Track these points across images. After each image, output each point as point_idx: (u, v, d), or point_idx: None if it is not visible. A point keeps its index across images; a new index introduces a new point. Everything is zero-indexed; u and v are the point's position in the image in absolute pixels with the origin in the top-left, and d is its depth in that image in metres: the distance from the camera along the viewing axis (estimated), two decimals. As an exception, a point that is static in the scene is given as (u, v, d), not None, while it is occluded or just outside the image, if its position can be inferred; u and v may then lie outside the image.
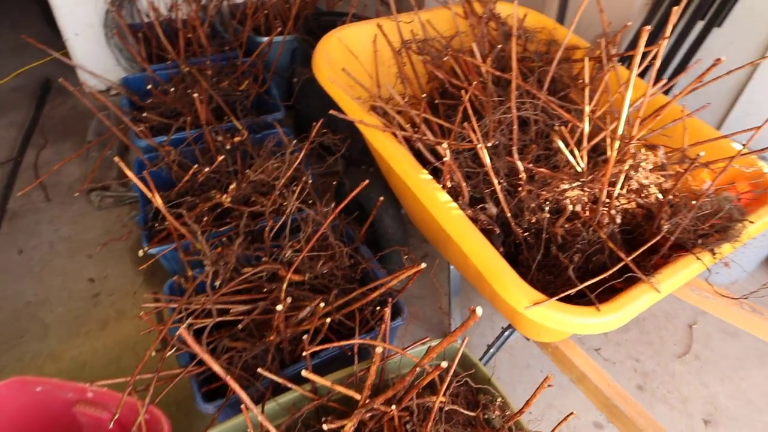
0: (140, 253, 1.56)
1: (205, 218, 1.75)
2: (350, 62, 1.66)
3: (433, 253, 2.21)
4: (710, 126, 1.52)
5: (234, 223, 1.71)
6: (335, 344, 1.18)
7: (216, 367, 0.91)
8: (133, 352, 1.83)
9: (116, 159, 1.47)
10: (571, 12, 2.61)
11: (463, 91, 1.44)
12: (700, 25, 2.11)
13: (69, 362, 1.80)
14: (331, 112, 1.29)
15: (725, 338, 1.93)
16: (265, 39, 2.46)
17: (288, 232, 1.61)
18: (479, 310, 0.77)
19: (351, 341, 1.08)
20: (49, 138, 2.75)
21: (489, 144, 1.27)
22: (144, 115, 1.97)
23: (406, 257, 1.69)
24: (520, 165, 1.28)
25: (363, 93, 1.58)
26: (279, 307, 1.19)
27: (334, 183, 1.91)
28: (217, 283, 1.40)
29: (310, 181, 1.68)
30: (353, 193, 1.33)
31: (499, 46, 1.52)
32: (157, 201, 1.46)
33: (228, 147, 1.85)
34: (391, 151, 1.28)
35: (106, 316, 1.93)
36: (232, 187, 1.72)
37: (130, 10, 2.93)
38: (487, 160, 1.21)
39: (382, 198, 1.60)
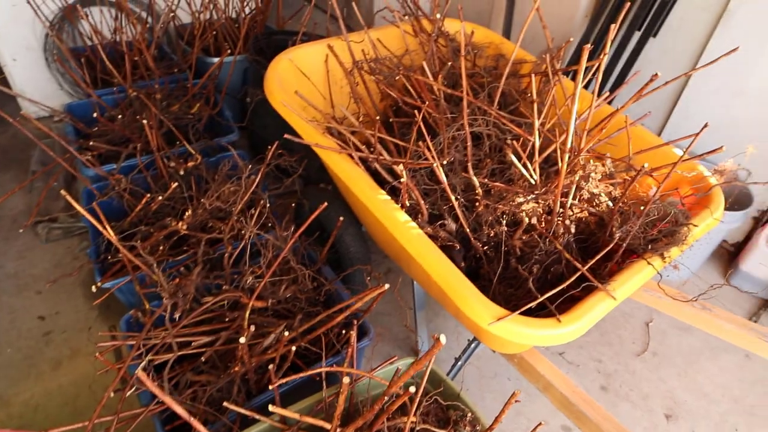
0: (93, 288, 1.50)
1: (161, 247, 1.70)
2: (303, 83, 1.65)
3: (396, 268, 2.22)
4: (652, 133, 1.59)
5: (191, 251, 1.66)
6: (302, 374, 1.16)
7: (178, 410, 0.88)
8: (90, 391, 1.75)
9: (63, 192, 1.41)
10: (517, 27, 2.69)
11: (416, 110, 1.45)
12: (637, 36, 2.21)
13: (20, 406, 1.71)
14: (286, 136, 1.28)
15: (680, 334, 2.02)
16: (215, 60, 2.42)
17: (248, 257, 1.59)
18: (443, 339, 0.77)
19: (318, 369, 1.07)
20: (-11, 169, 2.62)
21: (444, 161, 1.29)
22: (91, 143, 1.90)
23: (369, 277, 1.70)
24: (475, 180, 1.31)
25: (317, 114, 1.57)
26: (242, 340, 1.16)
27: (293, 204, 1.89)
28: (177, 316, 1.35)
29: (268, 205, 1.65)
30: (313, 216, 1.32)
31: (449, 63, 1.55)
32: (109, 234, 1.42)
33: (181, 173, 1.81)
34: (348, 173, 1.28)
35: (59, 355, 1.84)
36: (187, 214, 1.68)
37: (72, 33, 2.83)
38: (443, 177, 1.23)
39: (342, 218, 1.60)
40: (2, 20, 2.68)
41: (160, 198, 1.66)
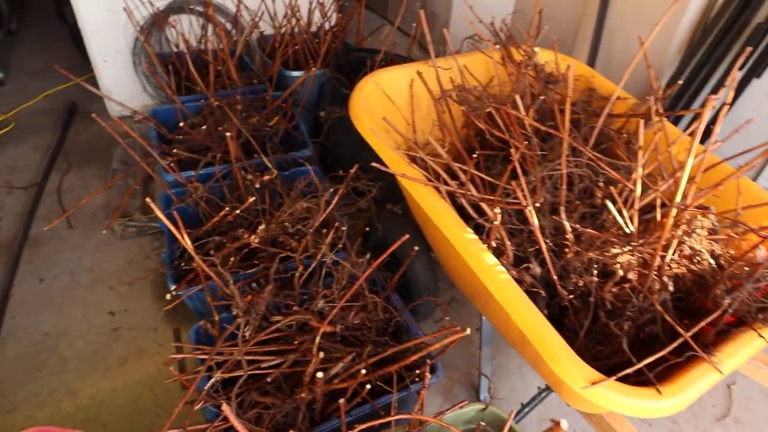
0: (168, 296, 1.52)
1: (232, 258, 1.72)
2: (387, 106, 1.64)
3: (461, 297, 2.16)
4: (759, 186, 1.47)
5: (262, 265, 1.67)
6: (371, 405, 1.13)
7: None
8: (152, 393, 1.78)
9: (147, 200, 1.44)
10: (603, 57, 2.59)
11: (504, 143, 1.40)
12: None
13: (87, 400, 1.76)
14: (374, 165, 1.26)
15: (766, 401, 1.86)
16: (295, 73, 2.45)
17: (319, 278, 1.58)
18: (564, 425, 0.71)
19: (390, 418, 1.03)
20: (73, 162, 2.75)
21: (537, 204, 1.23)
22: (174, 150, 1.95)
23: (439, 320, 1.65)
24: (567, 225, 1.24)
25: (399, 139, 1.55)
26: (320, 375, 1.14)
27: (367, 229, 1.86)
28: (247, 334, 1.35)
29: (344, 228, 1.64)
30: (392, 248, 1.29)
31: (542, 97, 1.49)
32: (186, 243, 1.43)
33: (257, 185, 1.83)
34: (433, 207, 1.24)
35: (125, 353, 1.89)
36: (261, 228, 1.69)
37: (159, 38, 2.95)
38: (535, 221, 1.17)
39: (416, 248, 1.56)
40: (97, 24, 2.82)
41: (237, 211, 1.68)
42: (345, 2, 2.74)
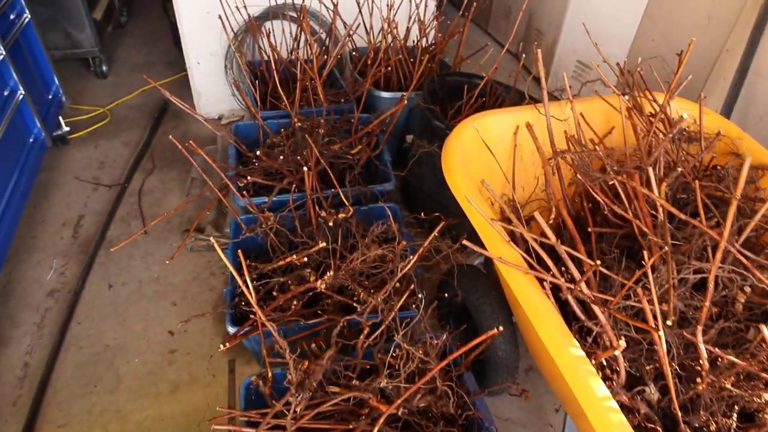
0: (221, 347, 1.41)
1: (295, 302, 1.58)
2: (484, 156, 1.42)
3: (537, 368, 1.90)
4: None
5: (325, 316, 1.52)
6: None
7: None
8: (199, 430, 1.69)
9: (212, 241, 1.32)
10: (741, 101, 2.20)
11: (622, 220, 1.15)
12: None
13: (134, 426, 1.69)
14: (465, 242, 1.05)
15: None
16: (385, 94, 2.28)
17: (385, 340, 1.41)
18: None
19: None
20: (157, 163, 2.76)
21: (669, 321, 0.97)
22: (248, 179, 1.85)
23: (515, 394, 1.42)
24: (703, 350, 0.97)
25: (492, 197, 1.33)
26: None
27: (445, 295, 1.65)
28: (299, 409, 1.20)
29: (420, 296, 1.44)
30: (479, 345, 1.07)
31: (679, 170, 1.21)
32: (249, 294, 1.30)
33: (331, 224, 1.68)
34: (533, 305, 1.01)
35: (178, 378, 1.82)
36: (329, 274, 1.54)
37: (251, 44, 2.89)
38: (663, 346, 0.91)
39: (501, 328, 1.34)
40: (195, 26, 2.81)
41: (304, 256, 1.53)
42: (447, 19, 2.52)
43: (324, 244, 1.49)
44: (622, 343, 0.88)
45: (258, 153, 1.80)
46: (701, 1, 2.34)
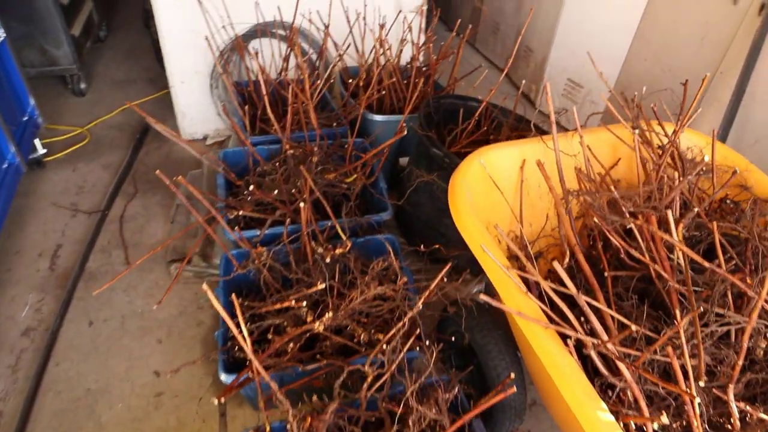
0: (215, 401, 1.31)
1: (292, 345, 1.50)
2: (491, 192, 1.36)
3: (541, 400, 1.84)
4: None
5: (325, 362, 1.43)
6: None
7: None
8: (188, 483, 1.59)
9: (205, 288, 1.23)
10: (738, 127, 2.19)
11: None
12: None
13: (118, 478, 1.59)
14: (483, 297, 0.98)
15: None
16: (378, 117, 2.22)
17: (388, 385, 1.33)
18: None
19: None
20: (139, 187, 2.65)
21: (702, 383, 0.91)
22: (240, 213, 1.76)
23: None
24: (735, 410, 0.92)
25: (497, 233, 1.27)
26: None
27: (452, 338, 1.58)
28: (301, 472, 1.11)
29: (430, 345, 1.37)
30: (492, 401, 1.00)
31: (696, 209, 1.17)
32: (245, 345, 1.21)
33: (328, 260, 1.60)
34: (556, 362, 0.95)
35: (165, 425, 1.71)
36: (328, 316, 1.46)
37: (238, 63, 2.81)
38: (695, 411, 0.86)
39: (512, 375, 1.27)
40: (178, 44, 2.71)
41: (304, 307, 1.45)
42: (438, 37, 2.47)
43: (323, 285, 1.41)
44: (665, 419, 0.82)
45: (251, 188, 1.70)
46: (694, 23, 2.33)
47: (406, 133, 1.73)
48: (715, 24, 2.25)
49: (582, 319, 1.05)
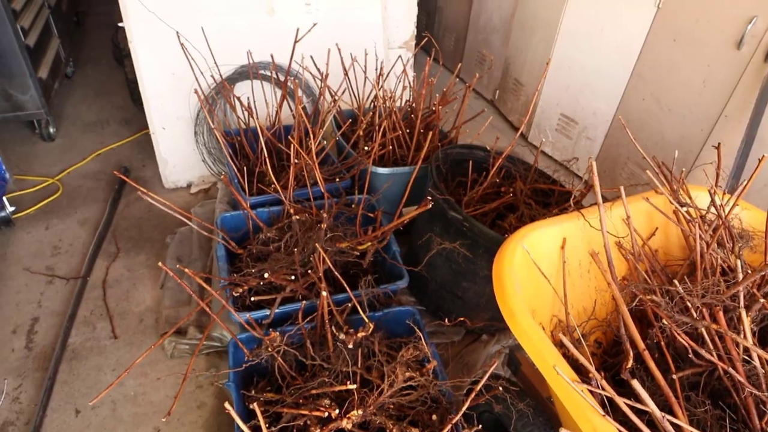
0: None
1: (316, 446, 1.35)
2: (534, 275, 1.26)
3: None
4: None
5: (356, 467, 1.30)
6: None
7: None
8: None
9: (227, 407, 1.09)
10: (745, 174, 2.16)
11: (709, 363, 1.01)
12: None
13: None
14: (563, 431, 0.88)
15: None
16: (382, 170, 2.10)
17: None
18: None
19: None
20: (122, 246, 2.45)
21: None
22: (250, 297, 1.61)
23: None
24: None
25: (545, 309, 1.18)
26: None
27: (481, 413, 1.47)
28: None
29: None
30: None
31: (762, 301, 1.09)
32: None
33: (350, 346, 1.47)
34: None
35: None
36: (357, 413, 1.32)
37: (224, 106, 2.65)
38: None
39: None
40: (159, 89, 2.55)
41: (338, 414, 1.31)
42: (421, 68, 2.38)
43: (354, 386, 1.27)
44: None
45: (266, 275, 1.56)
46: (696, 66, 2.32)
47: (431, 206, 1.62)
48: (718, 68, 2.23)
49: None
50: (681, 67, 2.39)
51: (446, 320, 1.61)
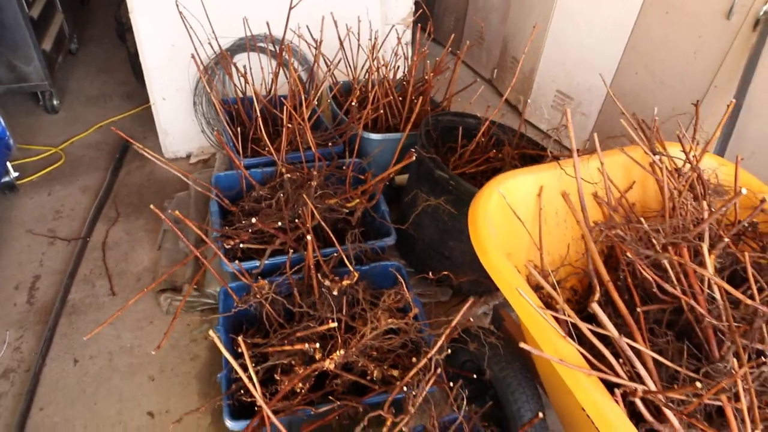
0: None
1: (301, 386, 1.41)
2: (510, 221, 1.30)
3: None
4: None
5: (337, 403, 1.36)
6: None
7: None
8: None
9: (211, 333, 1.15)
10: (734, 140, 2.19)
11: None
12: None
13: None
14: (522, 345, 0.92)
15: None
16: (374, 136, 2.15)
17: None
18: None
19: None
20: (122, 211, 2.52)
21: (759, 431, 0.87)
22: (239, 244, 1.67)
23: None
24: (791, 457, 0.88)
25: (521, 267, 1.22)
26: None
27: (474, 376, 1.51)
28: None
29: (449, 381, 1.31)
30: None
31: (726, 240, 1.13)
32: (256, 392, 1.13)
33: (335, 293, 1.52)
34: (602, 413, 0.89)
35: (162, 472, 1.60)
36: (339, 353, 1.38)
37: (223, 78, 2.70)
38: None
39: (541, 415, 1.22)
40: (159, 60, 2.60)
41: (317, 349, 1.37)
42: (430, 51, 2.42)
43: (334, 324, 1.33)
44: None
45: (254, 220, 1.61)
46: (687, 38, 2.34)
47: (415, 159, 1.66)
48: (708, 38, 2.25)
49: (620, 360, 1.00)
50: (673, 39, 2.41)
51: (430, 273, 1.66)
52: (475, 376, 1.40)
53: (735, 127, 2.16)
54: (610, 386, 0.96)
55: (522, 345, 0.92)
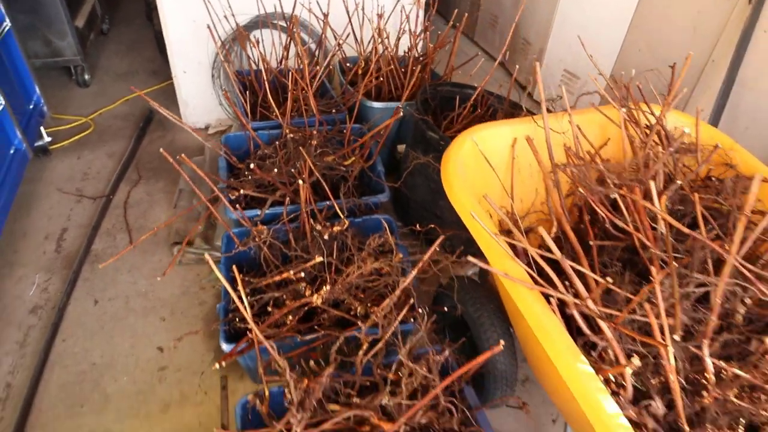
0: (216, 365, 1.37)
1: (290, 318, 1.55)
2: (483, 168, 1.41)
3: (534, 378, 1.89)
4: None
5: (322, 332, 1.49)
6: None
7: None
8: (191, 451, 1.64)
9: (207, 257, 1.29)
10: (728, 110, 2.24)
11: (623, 233, 1.15)
12: None
13: (122, 447, 1.64)
14: (471, 258, 1.04)
15: None
16: (376, 104, 2.27)
17: (383, 355, 1.38)
18: None
19: None
20: (143, 174, 2.71)
21: (677, 336, 0.97)
22: (240, 192, 1.81)
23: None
24: (710, 364, 0.97)
25: (490, 209, 1.33)
26: None
27: (445, 309, 1.63)
28: (299, 429, 1.17)
29: (421, 311, 1.42)
30: (481, 360, 1.06)
31: (678, 182, 1.22)
32: (245, 312, 1.27)
33: (326, 237, 1.65)
34: (540, 321, 1.00)
35: (168, 397, 1.76)
36: (326, 289, 1.51)
37: (239, 53, 2.86)
38: (671, 361, 0.91)
39: (502, 343, 1.32)
40: (181, 34, 2.77)
41: (303, 279, 1.50)
42: (435, 29, 2.52)
43: (320, 258, 1.46)
44: (636, 362, 0.87)
45: (252, 166, 1.76)
46: (687, 14, 2.38)
47: (402, 115, 1.78)
48: (707, 14, 2.30)
49: (567, 283, 1.11)
50: (673, 15, 2.46)
51: (417, 225, 1.78)
52: (446, 309, 1.51)
53: (729, 100, 2.21)
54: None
55: (470, 258, 1.03)
